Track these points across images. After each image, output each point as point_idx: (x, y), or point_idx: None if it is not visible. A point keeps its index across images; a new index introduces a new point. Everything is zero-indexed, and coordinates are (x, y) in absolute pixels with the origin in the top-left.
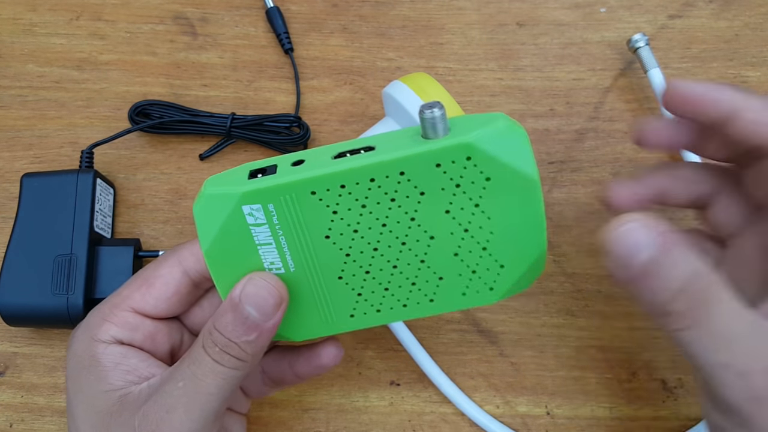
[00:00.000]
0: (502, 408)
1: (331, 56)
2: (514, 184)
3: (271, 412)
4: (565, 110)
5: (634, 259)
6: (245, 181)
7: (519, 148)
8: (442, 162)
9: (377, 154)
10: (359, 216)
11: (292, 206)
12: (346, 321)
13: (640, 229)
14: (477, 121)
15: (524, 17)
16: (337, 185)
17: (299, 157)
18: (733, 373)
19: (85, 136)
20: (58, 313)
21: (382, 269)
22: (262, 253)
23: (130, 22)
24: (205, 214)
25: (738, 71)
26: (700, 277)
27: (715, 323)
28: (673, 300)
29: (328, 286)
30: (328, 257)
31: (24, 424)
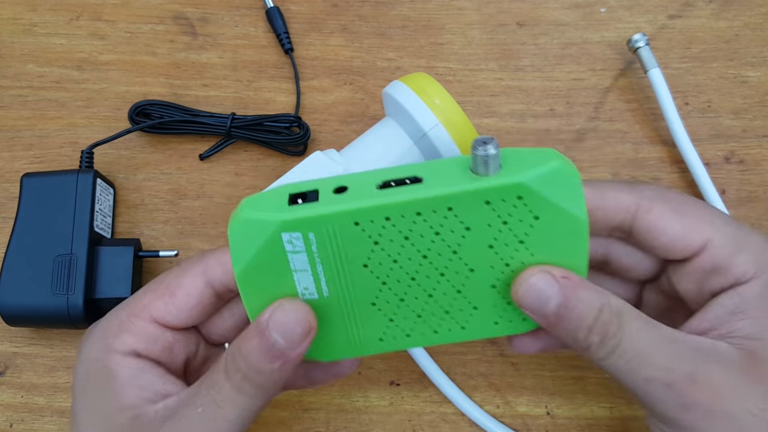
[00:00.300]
0: (502, 408)
1: (331, 56)
2: (562, 224)
3: (271, 412)
4: (565, 110)
5: (546, 310)
6: (285, 207)
7: (571, 189)
8: (492, 200)
9: (426, 188)
10: (401, 247)
11: (333, 236)
12: (375, 344)
13: (542, 280)
14: (529, 157)
15: (524, 17)
16: (382, 217)
17: (341, 183)
18: (659, 386)
19: (85, 136)
20: (58, 313)
21: (417, 297)
22: (297, 279)
23: (130, 22)
24: (240, 237)
25: (738, 71)
26: (607, 308)
27: (630, 344)
28: (589, 334)
29: (360, 312)
30: (363, 285)
31: (24, 424)
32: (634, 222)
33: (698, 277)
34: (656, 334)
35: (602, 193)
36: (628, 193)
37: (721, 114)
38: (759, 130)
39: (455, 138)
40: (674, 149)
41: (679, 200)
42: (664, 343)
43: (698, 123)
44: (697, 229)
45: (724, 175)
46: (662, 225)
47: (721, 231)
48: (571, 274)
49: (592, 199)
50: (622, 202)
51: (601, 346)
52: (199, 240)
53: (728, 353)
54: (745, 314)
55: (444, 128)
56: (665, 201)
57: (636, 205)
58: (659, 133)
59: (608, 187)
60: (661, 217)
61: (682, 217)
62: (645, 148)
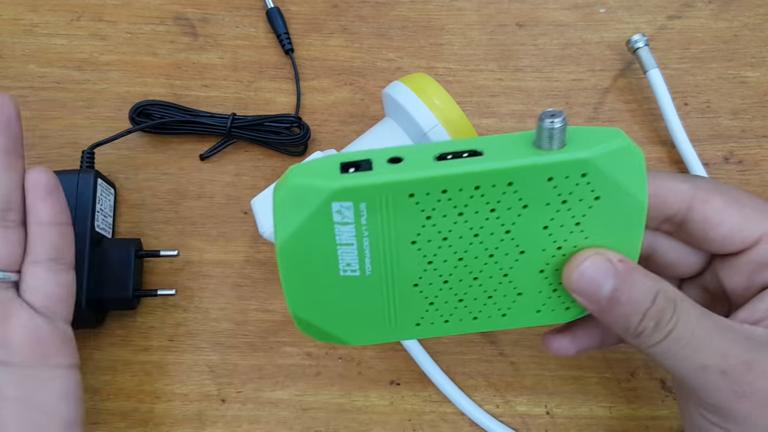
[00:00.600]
0: (501, 407)
1: (331, 57)
2: (621, 206)
3: (271, 412)
4: (565, 110)
5: (599, 294)
6: (338, 175)
7: (635, 170)
8: (555, 176)
9: (486, 161)
10: (453, 224)
11: (386, 207)
12: (411, 329)
13: (597, 263)
14: (594, 135)
15: (524, 18)
16: (439, 190)
17: (396, 154)
18: (715, 373)
19: (86, 136)
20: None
21: (461, 280)
22: (341, 254)
23: (130, 22)
24: (287, 205)
25: (737, 71)
26: (663, 293)
27: (686, 330)
28: (643, 319)
29: (400, 293)
30: (408, 263)
31: None
32: (690, 212)
33: (750, 270)
34: (711, 322)
35: (658, 181)
36: (684, 183)
37: (721, 114)
38: (758, 131)
39: (455, 138)
40: (673, 149)
41: (735, 193)
42: (720, 331)
43: (697, 123)
44: (755, 221)
45: (724, 176)
46: (719, 216)
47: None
48: (626, 258)
49: (649, 185)
50: (679, 191)
51: (655, 330)
52: (199, 240)
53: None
54: None
55: (444, 129)
56: (721, 192)
57: (692, 195)
58: (658, 133)
59: (664, 176)
60: (718, 208)
61: (739, 209)
62: (644, 149)
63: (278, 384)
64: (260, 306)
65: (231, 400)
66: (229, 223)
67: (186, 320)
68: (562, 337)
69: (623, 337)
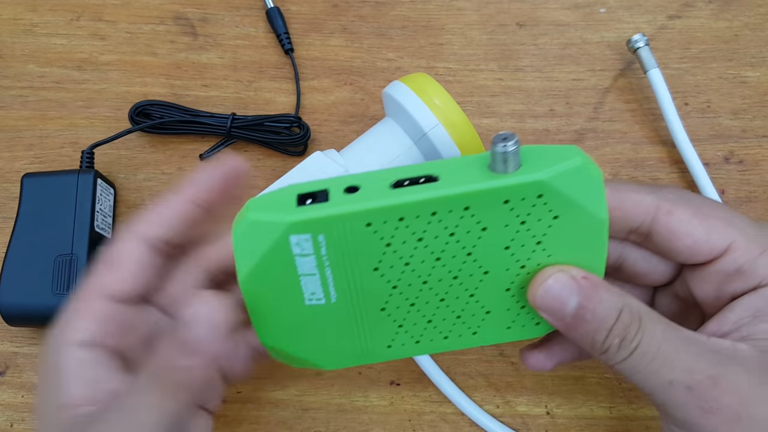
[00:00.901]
0: (501, 408)
1: (331, 56)
2: (582, 224)
3: (271, 412)
4: (565, 110)
5: (564, 311)
6: (294, 208)
7: (593, 189)
8: (512, 199)
9: (442, 187)
10: (413, 249)
11: (344, 238)
12: (383, 351)
13: (560, 281)
14: (550, 155)
15: (524, 18)
16: (396, 218)
17: (352, 182)
18: (681, 389)
19: (86, 136)
20: (59, 313)
21: (428, 302)
22: (304, 284)
23: (130, 22)
24: (246, 240)
25: (737, 71)
26: (628, 309)
27: (651, 346)
28: (609, 336)
29: (368, 317)
30: (373, 289)
31: (24, 423)
32: (654, 224)
33: (719, 280)
34: (677, 336)
35: (622, 194)
36: (647, 194)
37: (721, 114)
38: (758, 130)
39: (455, 138)
40: (674, 149)
41: (701, 202)
42: (686, 345)
43: (698, 123)
44: (720, 232)
45: (724, 175)
46: (684, 228)
47: (744, 233)
48: (590, 274)
49: (612, 199)
50: (642, 203)
51: (621, 347)
52: None
53: (750, 356)
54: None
55: (444, 128)
56: (686, 203)
57: (656, 207)
58: (659, 133)
59: (628, 188)
60: (683, 219)
61: (703, 220)
62: (644, 149)
63: (278, 384)
64: None
65: (231, 400)
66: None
67: None
68: (538, 352)
69: (590, 353)
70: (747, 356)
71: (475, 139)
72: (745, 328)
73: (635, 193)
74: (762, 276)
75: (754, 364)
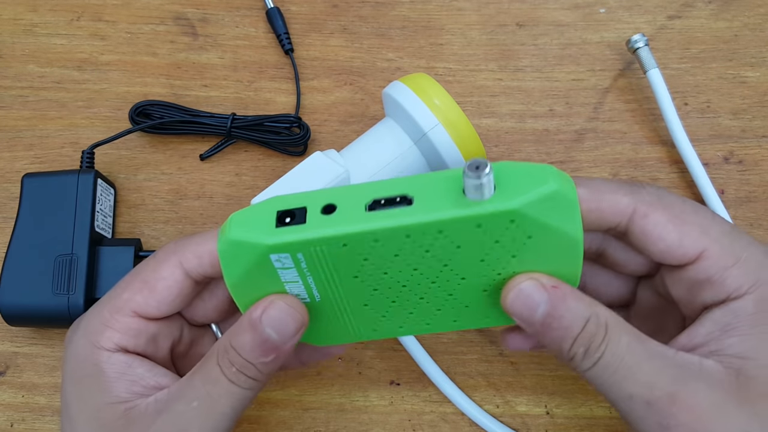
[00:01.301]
0: (501, 407)
1: (331, 57)
2: (555, 243)
3: (271, 412)
4: (565, 111)
5: (533, 318)
6: (272, 229)
7: (566, 211)
8: (484, 224)
9: (415, 212)
10: (390, 262)
11: (322, 255)
12: (370, 333)
13: (529, 288)
14: (524, 177)
15: (524, 18)
16: (371, 240)
17: (330, 200)
18: (641, 403)
19: (86, 136)
20: (59, 313)
21: (408, 300)
22: (289, 288)
23: (130, 22)
24: (228, 257)
25: (737, 71)
26: (594, 319)
27: (614, 358)
28: (573, 344)
29: (353, 312)
30: (355, 292)
31: (25, 423)
32: (630, 225)
33: (691, 286)
34: (642, 349)
35: (599, 195)
36: (624, 196)
37: (720, 114)
38: (758, 131)
39: (455, 138)
40: (673, 149)
41: (679, 206)
42: (649, 359)
43: (697, 123)
44: (694, 239)
45: (723, 176)
46: (658, 232)
47: (718, 242)
48: (560, 283)
49: (589, 200)
50: (619, 205)
51: (584, 357)
52: None
53: (715, 372)
54: (735, 331)
55: (444, 128)
56: (663, 206)
57: (632, 209)
58: (658, 133)
59: (606, 188)
60: (657, 223)
61: (678, 225)
62: (644, 149)
63: (278, 384)
64: None
65: None
66: None
67: None
68: (516, 334)
69: (558, 359)
70: (712, 373)
71: (475, 139)
72: (713, 342)
73: (612, 194)
74: (732, 288)
75: (717, 381)
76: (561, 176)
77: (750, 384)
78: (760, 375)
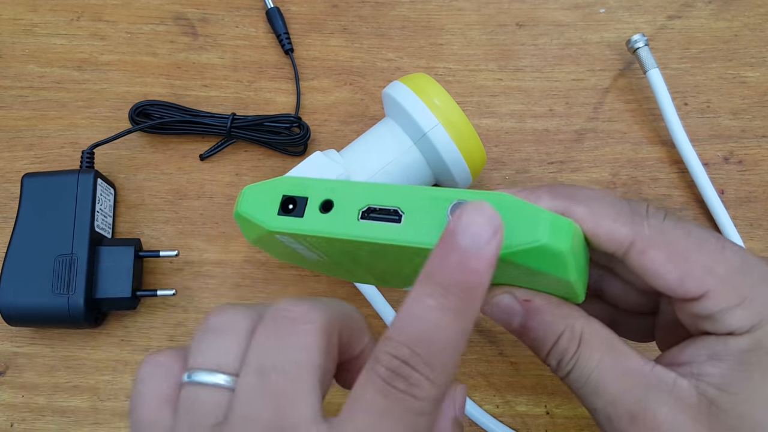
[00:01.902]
0: (501, 407)
1: (331, 57)
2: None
3: None
4: (565, 110)
5: (510, 326)
6: (274, 215)
7: (554, 262)
8: None
9: (401, 232)
10: (382, 259)
11: (319, 243)
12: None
13: (505, 300)
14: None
15: (524, 18)
16: (360, 243)
17: (330, 196)
18: (603, 417)
19: (86, 136)
20: (59, 313)
21: (410, 278)
22: (299, 250)
23: (130, 22)
24: (243, 223)
25: (737, 71)
26: (568, 333)
27: (582, 374)
28: (547, 356)
29: (361, 271)
30: (358, 265)
31: (25, 423)
32: (626, 258)
33: (691, 316)
34: (613, 365)
35: (597, 220)
36: (624, 226)
37: (720, 114)
38: (758, 131)
39: (455, 138)
40: (673, 149)
41: (682, 242)
42: (618, 376)
43: (697, 123)
44: (696, 280)
45: (723, 176)
46: (656, 269)
47: (722, 282)
48: (535, 296)
49: (586, 223)
50: (616, 236)
51: (557, 368)
52: (199, 240)
53: (687, 395)
54: (721, 363)
55: (444, 128)
56: (665, 243)
57: (630, 242)
58: (658, 133)
59: (605, 213)
60: (655, 261)
61: (680, 264)
62: (644, 149)
63: None
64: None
65: None
66: (229, 223)
67: (186, 320)
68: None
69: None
70: (683, 395)
71: (475, 139)
72: (696, 365)
73: (611, 222)
74: (734, 327)
75: (687, 405)
76: (555, 225)
77: (720, 416)
78: (733, 410)
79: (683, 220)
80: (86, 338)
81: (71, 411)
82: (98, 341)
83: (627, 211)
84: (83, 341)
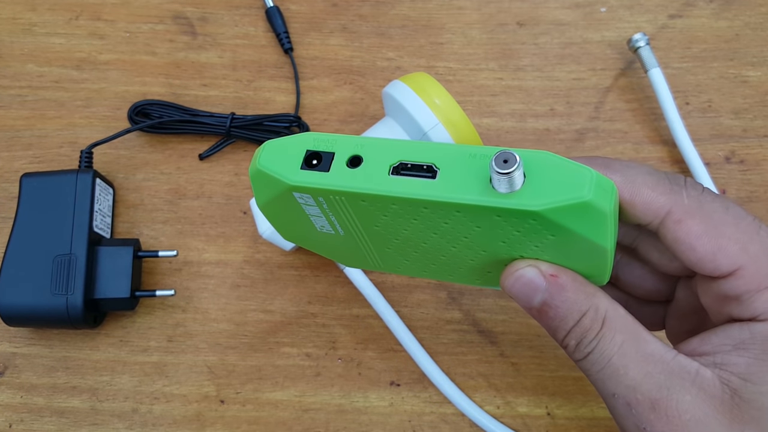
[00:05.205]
0: (502, 408)
1: (331, 56)
2: (580, 246)
3: (271, 412)
4: (566, 110)
5: (530, 303)
6: (297, 170)
7: (596, 223)
8: (503, 215)
9: (436, 188)
10: (409, 224)
11: (342, 204)
12: (392, 269)
13: (528, 275)
14: (558, 176)
15: (524, 17)
16: (389, 203)
17: (358, 151)
18: (621, 403)
19: (85, 135)
20: (58, 313)
21: (430, 255)
22: (313, 220)
23: (129, 21)
24: (258, 181)
25: (738, 71)
26: (592, 313)
27: (602, 357)
28: (566, 336)
29: (376, 251)
30: (376, 237)
31: (23, 424)
32: (661, 228)
33: (718, 296)
34: (635, 351)
35: (635, 188)
36: (662, 195)
37: (722, 114)
38: (759, 130)
39: (455, 138)
40: (675, 149)
41: (719, 215)
42: (639, 362)
43: (699, 123)
44: (729, 255)
45: (725, 175)
46: (690, 241)
47: (756, 261)
48: (561, 272)
49: (623, 192)
50: (653, 204)
51: (576, 349)
52: (198, 240)
53: (710, 385)
54: (746, 352)
55: (444, 128)
56: (702, 214)
57: (666, 211)
58: (660, 132)
59: (643, 182)
60: (690, 233)
61: (714, 238)
62: (645, 148)
63: (277, 385)
64: (259, 306)
65: (230, 401)
66: (228, 223)
67: (185, 321)
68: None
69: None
70: (705, 385)
71: (476, 138)
72: (720, 355)
73: (650, 191)
74: (760, 311)
75: (709, 395)
76: (599, 184)
77: (743, 407)
78: (756, 401)
79: (721, 196)
80: (85, 339)
81: (70, 411)
82: (97, 342)
83: (665, 181)
84: (82, 342)
